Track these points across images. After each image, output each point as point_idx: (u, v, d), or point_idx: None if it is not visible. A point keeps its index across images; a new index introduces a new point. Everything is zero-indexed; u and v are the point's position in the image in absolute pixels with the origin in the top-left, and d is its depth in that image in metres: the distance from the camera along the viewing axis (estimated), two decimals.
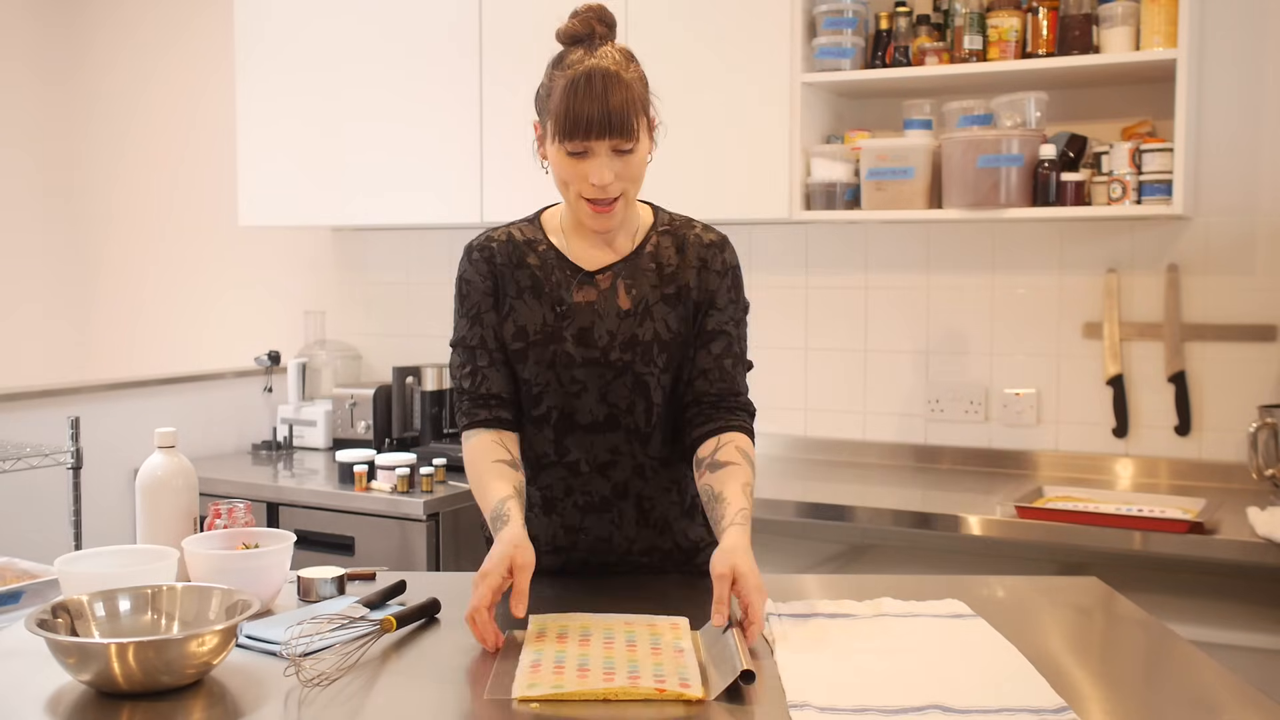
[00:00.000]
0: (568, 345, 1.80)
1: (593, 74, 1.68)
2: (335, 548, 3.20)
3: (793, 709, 1.31)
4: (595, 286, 1.82)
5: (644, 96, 1.74)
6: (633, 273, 1.83)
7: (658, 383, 1.81)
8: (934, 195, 2.96)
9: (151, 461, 1.85)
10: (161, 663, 1.34)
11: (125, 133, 4.54)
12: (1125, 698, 1.40)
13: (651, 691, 1.34)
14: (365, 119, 3.59)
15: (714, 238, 1.88)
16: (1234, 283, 2.90)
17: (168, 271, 4.49)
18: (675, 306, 1.82)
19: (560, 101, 1.69)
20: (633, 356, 1.80)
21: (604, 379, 1.80)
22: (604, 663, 1.43)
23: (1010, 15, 2.87)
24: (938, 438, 3.25)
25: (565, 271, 1.83)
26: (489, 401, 1.82)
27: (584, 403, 1.81)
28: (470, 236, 1.96)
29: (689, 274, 1.84)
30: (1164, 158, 2.72)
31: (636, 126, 1.70)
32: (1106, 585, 1.87)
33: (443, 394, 3.73)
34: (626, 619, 1.61)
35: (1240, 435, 2.83)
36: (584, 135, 1.68)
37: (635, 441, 1.83)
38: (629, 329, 1.80)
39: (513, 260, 1.84)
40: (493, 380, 1.82)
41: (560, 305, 1.81)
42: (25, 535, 3.11)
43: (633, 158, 1.72)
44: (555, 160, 1.74)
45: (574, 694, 1.34)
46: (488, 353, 1.82)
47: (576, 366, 1.80)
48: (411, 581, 1.80)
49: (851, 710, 1.30)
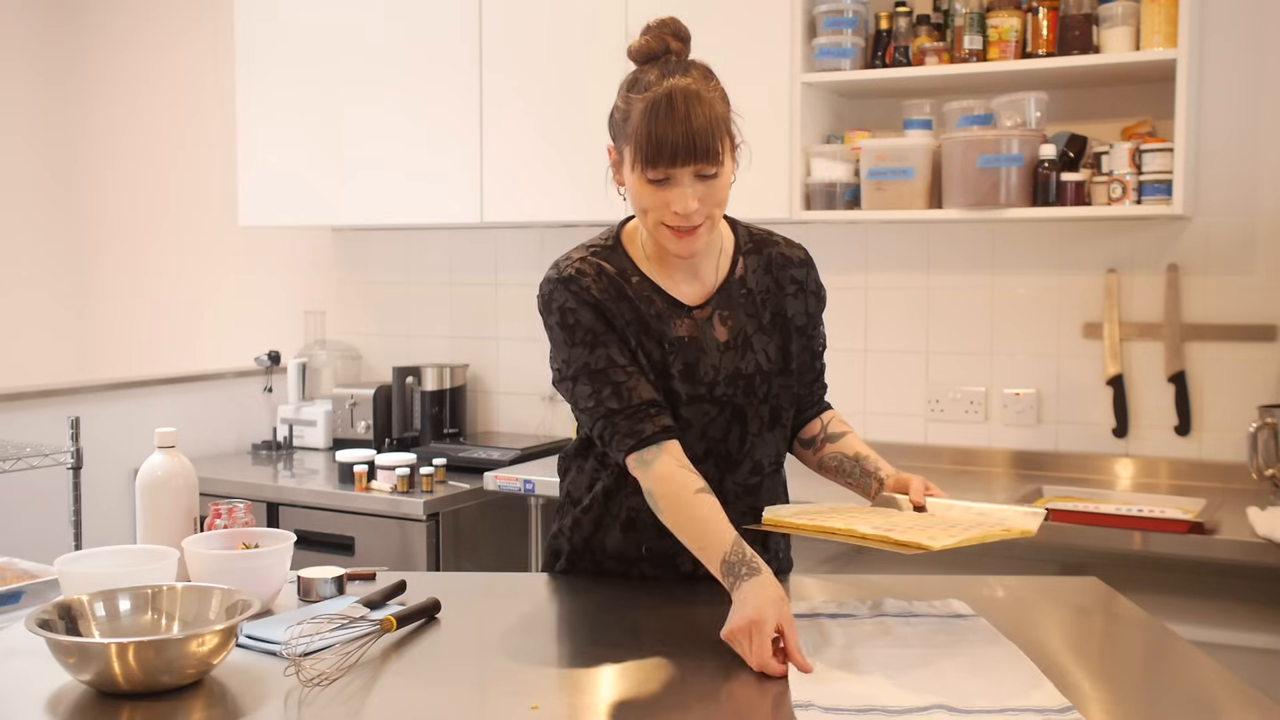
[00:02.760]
0: (675, 383, 1.72)
1: (674, 95, 1.59)
2: (335, 548, 3.20)
3: (797, 709, 1.31)
4: (693, 320, 1.75)
5: (726, 116, 1.64)
6: (727, 303, 1.77)
7: (755, 413, 1.78)
8: (934, 195, 2.96)
9: (151, 461, 1.85)
10: (161, 663, 1.34)
11: (125, 133, 4.54)
12: (1125, 698, 1.40)
13: (1000, 533, 1.52)
14: (365, 119, 3.59)
15: (801, 255, 1.86)
16: (1234, 283, 2.90)
17: (168, 271, 4.49)
18: (773, 335, 1.79)
19: (640, 126, 1.59)
20: (735, 390, 1.75)
21: (708, 416, 1.75)
22: (935, 523, 1.57)
23: (1010, 15, 2.87)
24: (938, 438, 3.25)
25: (664, 304, 1.74)
26: (647, 411, 1.66)
27: (685, 440, 1.71)
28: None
29: (784, 300, 1.81)
30: (1164, 158, 2.72)
31: (721, 150, 1.61)
32: (1106, 585, 1.87)
33: (442, 394, 3.73)
34: (851, 509, 1.74)
35: (1240, 435, 2.82)
36: (669, 163, 1.58)
37: (724, 468, 1.78)
38: (731, 362, 1.75)
39: (610, 293, 1.72)
40: (641, 388, 1.68)
41: (665, 341, 1.72)
42: (25, 535, 3.11)
43: (717, 182, 1.63)
44: (634, 187, 1.65)
45: (968, 540, 1.48)
46: (622, 369, 1.68)
47: (682, 405, 1.73)
48: (411, 581, 1.80)
49: (856, 710, 1.30)
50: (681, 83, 1.61)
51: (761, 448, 1.81)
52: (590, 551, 1.86)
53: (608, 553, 1.84)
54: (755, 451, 1.80)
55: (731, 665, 1.46)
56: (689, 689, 1.41)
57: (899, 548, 1.47)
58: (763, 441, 1.81)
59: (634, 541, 1.82)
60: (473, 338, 3.90)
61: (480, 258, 3.85)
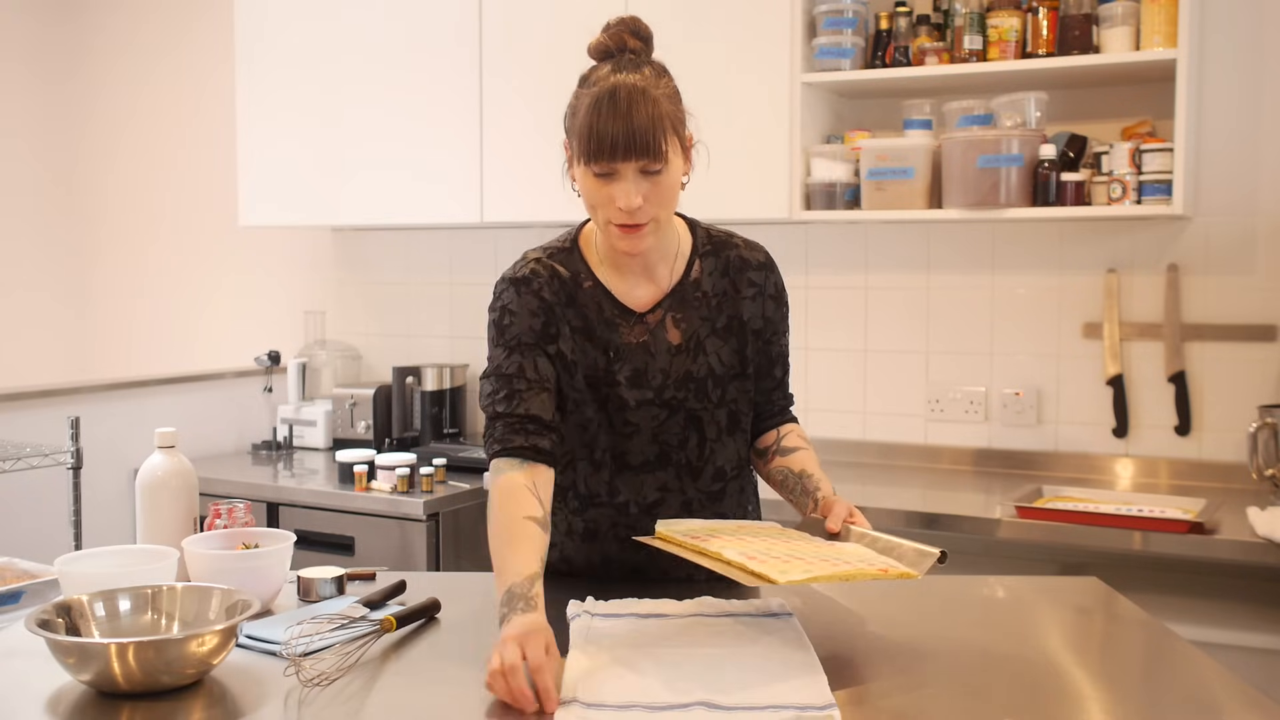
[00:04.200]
0: (621, 389, 1.73)
1: (617, 91, 1.58)
2: (335, 548, 3.20)
3: (560, 706, 1.30)
4: (644, 325, 1.75)
5: (674, 114, 1.64)
6: (680, 305, 1.76)
7: (711, 417, 1.78)
8: (934, 195, 2.96)
9: (151, 461, 1.85)
10: (161, 663, 1.34)
11: (125, 133, 4.54)
12: (1125, 698, 1.40)
13: (876, 573, 1.45)
14: (365, 119, 3.59)
15: (761, 258, 1.83)
16: (1234, 283, 2.90)
17: (168, 271, 4.49)
18: (728, 339, 1.78)
19: (584, 120, 1.60)
20: (686, 394, 1.75)
21: (657, 419, 1.75)
22: (810, 554, 1.51)
23: (1010, 15, 2.87)
24: (938, 438, 3.25)
25: (614, 310, 1.74)
26: (525, 426, 1.66)
27: (636, 444, 1.75)
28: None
29: (741, 304, 1.79)
30: (1164, 158, 2.72)
31: (665, 146, 1.60)
32: (1106, 585, 1.87)
33: (442, 394, 3.73)
34: (754, 529, 1.70)
35: (1240, 435, 2.82)
36: (609, 156, 1.58)
37: (685, 476, 1.78)
38: (682, 365, 1.75)
39: (561, 298, 1.73)
40: (532, 403, 1.67)
41: (611, 349, 1.73)
42: (25, 535, 3.11)
43: (662, 180, 1.62)
44: (582, 183, 1.65)
45: (821, 577, 1.42)
46: (526, 380, 1.68)
47: (630, 410, 1.74)
48: (411, 581, 1.80)
49: (617, 707, 1.29)
50: (628, 79, 1.60)
51: (722, 453, 1.81)
52: (550, 565, 1.85)
53: (572, 565, 1.84)
54: (716, 457, 1.80)
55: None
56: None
57: (751, 577, 1.43)
58: (722, 447, 1.80)
59: (596, 550, 1.82)
60: (473, 338, 3.89)
61: (480, 258, 3.85)
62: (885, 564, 1.49)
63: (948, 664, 1.50)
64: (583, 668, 1.40)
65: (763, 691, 1.32)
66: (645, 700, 1.30)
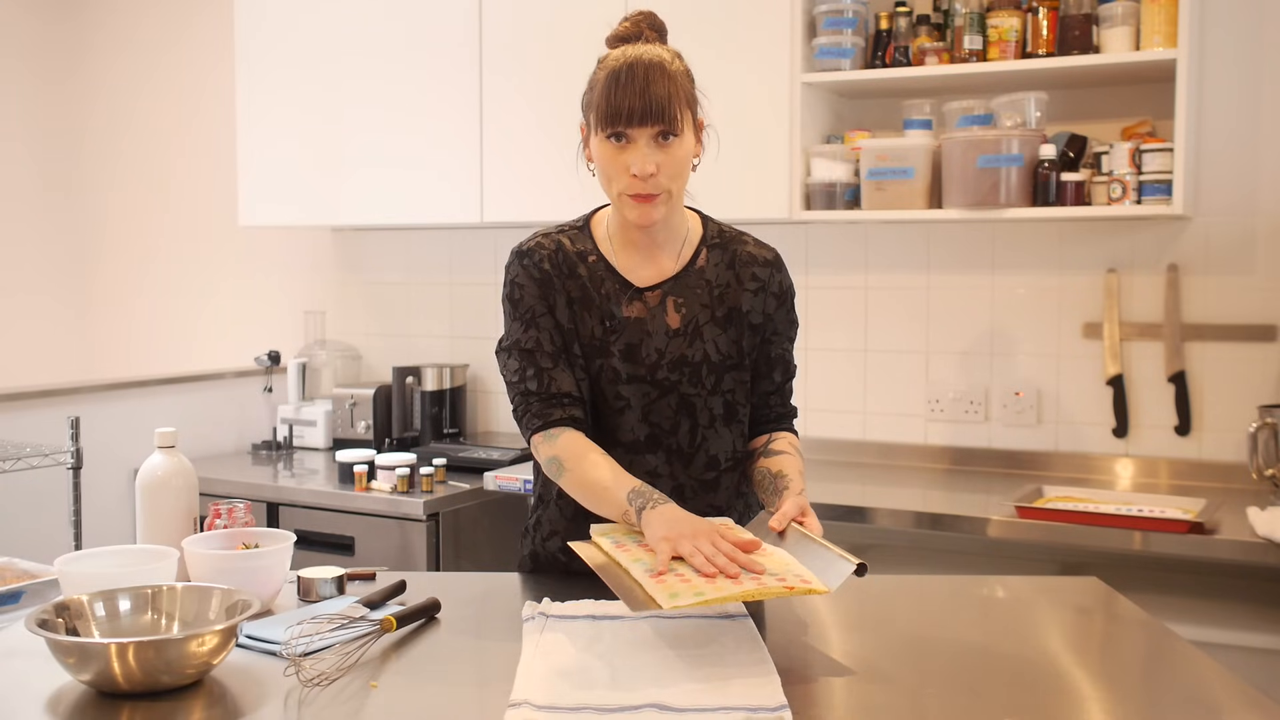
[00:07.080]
0: (614, 360, 1.77)
1: (635, 64, 1.66)
2: (335, 548, 3.20)
3: (510, 708, 1.28)
4: (644, 303, 1.79)
5: (689, 91, 1.72)
6: (682, 290, 1.80)
7: (705, 404, 1.79)
8: (934, 195, 2.96)
9: (151, 461, 1.85)
10: (161, 663, 1.34)
11: (125, 133, 4.54)
12: (1125, 698, 1.40)
13: (782, 590, 1.42)
14: (365, 118, 3.59)
15: (769, 255, 1.85)
16: (1234, 283, 2.90)
17: (168, 271, 4.49)
18: (726, 329, 1.80)
19: (602, 91, 1.67)
20: (680, 377, 1.77)
21: (648, 397, 1.78)
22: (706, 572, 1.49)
23: (1010, 15, 2.87)
24: (938, 438, 3.25)
25: (615, 285, 1.79)
26: (562, 400, 1.75)
27: (626, 420, 1.77)
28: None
29: (742, 296, 1.81)
30: (1164, 158, 2.72)
31: (680, 116, 1.67)
32: (1106, 585, 1.87)
33: (442, 394, 3.73)
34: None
35: (1240, 435, 2.82)
36: (625, 122, 1.65)
37: (676, 462, 1.80)
38: (678, 348, 1.78)
39: (563, 270, 1.79)
40: (560, 379, 1.75)
41: (609, 319, 1.77)
42: (25, 535, 3.11)
43: (675, 150, 1.68)
44: (598, 154, 1.71)
45: (716, 599, 1.39)
46: (548, 354, 1.76)
47: (622, 383, 1.77)
48: (411, 581, 1.80)
49: (569, 709, 1.28)
50: (647, 52, 1.68)
51: (715, 442, 1.82)
52: (550, 554, 1.87)
53: (560, 544, 1.82)
54: (709, 445, 1.81)
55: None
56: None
57: (645, 600, 1.42)
58: (716, 435, 1.81)
59: (584, 533, 1.80)
60: (473, 338, 3.90)
61: (480, 258, 3.84)
62: (797, 578, 1.45)
63: (947, 663, 1.50)
64: (536, 669, 1.40)
65: (715, 693, 1.31)
66: (597, 703, 1.29)
